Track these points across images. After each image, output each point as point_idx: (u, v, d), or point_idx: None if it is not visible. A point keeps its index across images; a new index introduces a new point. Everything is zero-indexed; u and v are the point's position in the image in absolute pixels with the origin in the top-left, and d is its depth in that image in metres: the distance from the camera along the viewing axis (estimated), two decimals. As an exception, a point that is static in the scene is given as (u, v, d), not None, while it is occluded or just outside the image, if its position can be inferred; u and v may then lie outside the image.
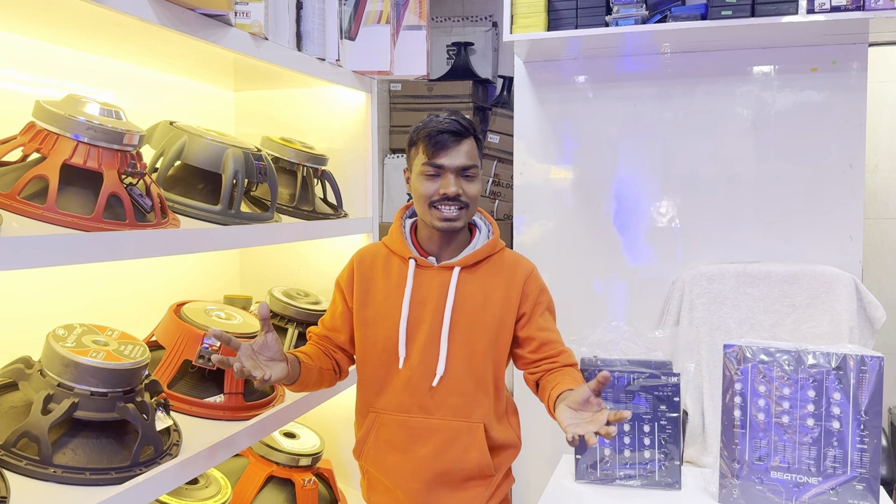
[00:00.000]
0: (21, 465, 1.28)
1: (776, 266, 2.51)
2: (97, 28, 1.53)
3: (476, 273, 1.63)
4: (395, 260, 1.65)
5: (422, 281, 1.61)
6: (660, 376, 1.68)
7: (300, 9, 1.95)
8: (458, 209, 1.58)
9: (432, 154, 1.57)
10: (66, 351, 1.36)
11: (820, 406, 1.53)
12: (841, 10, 2.19)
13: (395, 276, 1.63)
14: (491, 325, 1.60)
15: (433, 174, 1.57)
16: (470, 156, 1.59)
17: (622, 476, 1.70)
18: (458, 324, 1.59)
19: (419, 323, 1.60)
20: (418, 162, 1.60)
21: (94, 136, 1.38)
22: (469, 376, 1.59)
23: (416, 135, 1.62)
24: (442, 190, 1.56)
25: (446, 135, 1.56)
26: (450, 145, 1.56)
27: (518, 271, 1.65)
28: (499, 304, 1.61)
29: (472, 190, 1.59)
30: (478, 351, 1.60)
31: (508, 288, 1.62)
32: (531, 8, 2.48)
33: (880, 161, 3.57)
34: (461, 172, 1.58)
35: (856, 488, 1.52)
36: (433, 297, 1.60)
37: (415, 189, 1.61)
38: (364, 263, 1.68)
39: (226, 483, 1.92)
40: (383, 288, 1.64)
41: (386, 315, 1.62)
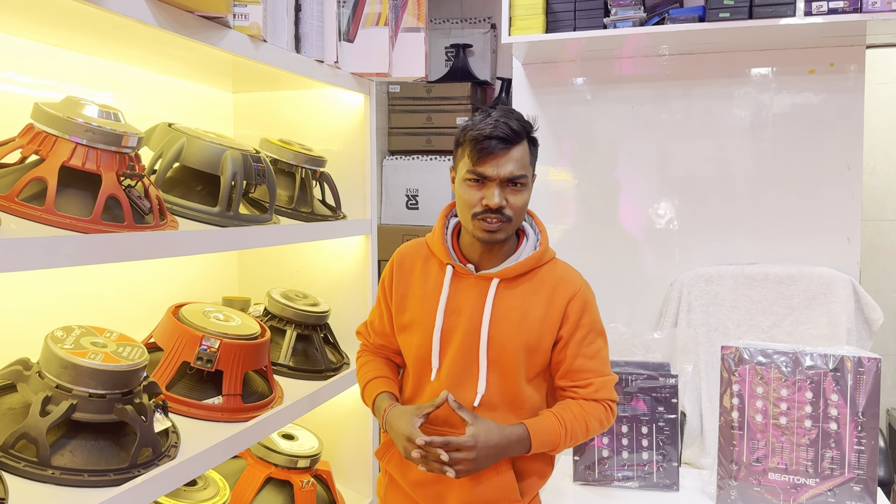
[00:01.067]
0: (19, 466, 1.28)
1: (774, 268, 2.51)
2: (96, 30, 1.53)
3: (517, 286, 1.52)
4: (434, 263, 1.57)
5: (458, 289, 1.52)
6: (658, 378, 1.68)
7: (299, 11, 1.95)
8: (499, 222, 1.46)
9: (477, 160, 1.45)
10: (64, 353, 1.36)
11: (817, 407, 1.54)
12: (838, 13, 2.20)
13: (433, 281, 1.55)
14: (526, 343, 1.49)
15: (477, 180, 1.46)
16: (519, 164, 1.46)
17: (620, 477, 1.70)
18: (492, 340, 1.49)
19: (451, 333, 1.51)
20: (463, 166, 1.49)
21: (92, 138, 1.39)
22: (499, 394, 1.50)
23: (462, 135, 1.50)
24: (485, 201, 1.45)
25: (494, 141, 1.43)
26: (497, 153, 1.44)
27: (562, 289, 1.53)
28: (537, 322, 1.50)
29: (518, 201, 1.47)
30: (510, 370, 1.49)
31: (549, 306, 1.51)
32: (529, 10, 2.49)
33: (878, 163, 3.58)
34: (507, 183, 1.46)
35: (853, 489, 1.52)
36: (468, 307, 1.51)
37: (458, 194, 1.51)
38: (403, 265, 1.60)
39: (224, 484, 1.92)
40: (420, 292, 1.56)
41: (420, 321, 1.54)
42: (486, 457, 1.41)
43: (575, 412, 1.48)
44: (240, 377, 1.75)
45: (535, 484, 1.56)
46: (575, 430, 1.47)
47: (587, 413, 1.49)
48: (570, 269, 1.58)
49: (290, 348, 2.06)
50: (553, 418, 1.47)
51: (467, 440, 1.40)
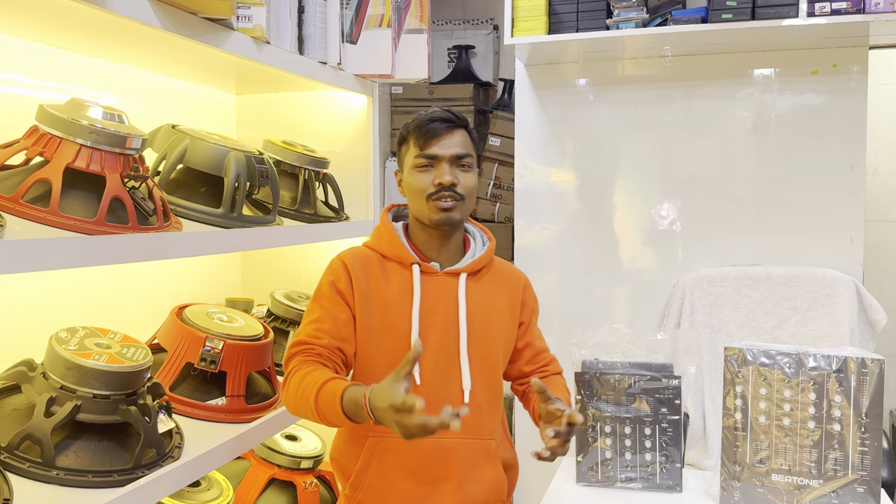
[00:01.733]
0: (24, 467, 1.29)
1: (777, 269, 2.51)
2: (100, 32, 1.54)
3: (480, 280, 1.56)
4: (392, 265, 1.52)
5: (427, 288, 1.50)
6: (661, 379, 1.68)
7: (302, 13, 1.95)
8: (454, 200, 1.47)
9: (424, 144, 1.49)
10: (68, 353, 1.36)
11: (821, 409, 1.54)
12: (841, 14, 2.19)
13: (396, 283, 1.50)
14: (500, 334, 1.54)
15: (426, 165, 1.49)
16: (464, 145, 1.50)
17: (623, 478, 1.70)
18: (471, 334, 1.50)
19: (429, 334, 1.48)
20: (410, 156, 1.52)
21: (96, 140, 1.39)
22: (483, 389, 1.51)
23: (405, 130, 1.54)
24: (437, 180, 1.47)
25: (437, 122, 1.49)
26: (441, 133, 1.49)
27: (514, 279, 1.61)
28: (505, 311, 1.56)
29: (467, 181, 1.50)
30: (490, 361, 1.53)
31: (511, 296, 1.58)
32: (532, 11, 2.49)
33: (881, 164, 3.57)
34: (456, 162, 1.49)
35: (857, 491, 1.52)
36: (442, 305, 1.50)
37: (408, 186, 1.52)
38: (358, 266, 1.51)
39: (227, 485, 1.92)
40: (384, 296, 1.50)
41: (390, 326, 1.48)
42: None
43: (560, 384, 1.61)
44: (243, 378, 1.75)
45: (513, 478, 1.62)
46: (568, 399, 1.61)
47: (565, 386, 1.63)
48: (510, 264, 1.67)
49: (293, 349, 2.06)
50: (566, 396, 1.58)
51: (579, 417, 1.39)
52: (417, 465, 1.47)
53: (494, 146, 3.75)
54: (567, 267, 2.79)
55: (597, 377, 1.69)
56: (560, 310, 2.80)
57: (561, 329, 2.78)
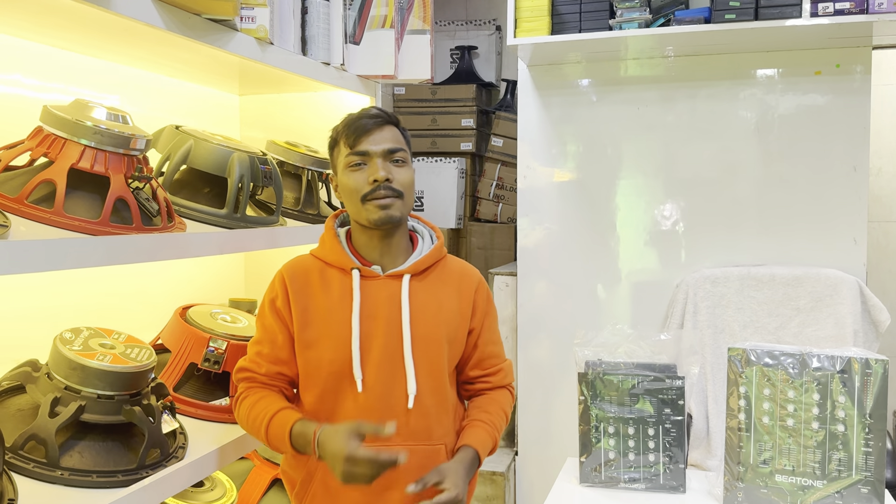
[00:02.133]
0: (28, 467, 1.29)
1: (780, 269, 2.51)
2: (104, 33, 1.54)
3: (425, 281, 1.51)
4: (333, 273, 1.49)
5: (368, 293, 1.46)
6: (664, 379, 1.68)
7: (305, 14, 1.96)
8: (391, 197, 1.44)
9: (354, 141, 1.46)
10: (73, 354, 1.37)
11: (824, 409, 1.53)
12: (844, 14, 2.19)
13: (337, 290, 1.47)
14: (447, 336, 1.49)
15: (359, 163, 1.46)
16: (395, 140, 1.48)
17: (627, 479, 1.70)
18: (416, 337, 1.45)
19: (371, 340, 1.44)
20: (342, 157, 1.49)
21: (101, 141, 1.39)
22: (430, 394, 1.47)
23: (335, 132, 1.52)
24: (371, 177, 1.44)
25: (366, 119, 1.47)
26: (371, 129, 1.46)
27: (467, 280, 1.56)
28: (453, 313, 1.51)
29: (402, 176, 1.46)
30: (437, 365, 1.48)
31: (460, 297, 1.53)
32: (535, 12, 2.49)
33: (884, 164, 3.57)
34: (389, 157, 1.46)
35: (861, 491, 1.52)
36: (384, 310, 1.45)
37: (343, 188, 1.48)
38: (296, 280, 1.50)
39: (231, 486, 1.92)
40: (324, 304, 1.47)
41: (330, 334, 1.45)
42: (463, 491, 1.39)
43: (494, 410, 1.54)
44: (247, 379, 1.75)
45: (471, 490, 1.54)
46: (499, 427, 1.54)
47: (502, 406, 1.56)
48: (464, 262, 1.61)
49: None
50: (484, 427, 1.51)
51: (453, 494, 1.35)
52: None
53: (497, 147, 3.75)
54: (570, 267, 2.79)
55: (600, 378, 1.69)
56: (563, 310, 2.80)
57: (564, 329, 2.78)
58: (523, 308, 2.84)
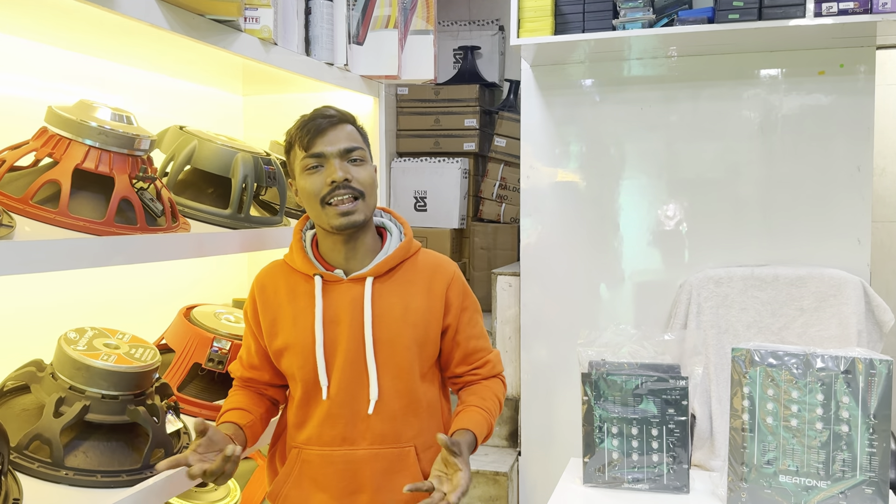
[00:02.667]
0: (33, 467, 1.29)
1: (784, 269, 2.50)
2: (108, 33, 1.54)
3: (391, 281, 1.46)
4: (298, 279, 1.47)
5: (331, 298, 1.44)
6: (668, 379, 1.68)
7: (309, 14, 1.96)
8: (352, 198, 1.39)
9: (309, 143, 1.41)
10: (77, 354, 1.37)
11: (828, 409, 1.53)
12: (848, 13, 2.19)
13: (302, 297, 1.46)
14: (415, 337, 1.45)
15: (315, 165, 1.41)
16: (352, 138, 1.43)
17: (630, 479, 1.70)
18: (380, 341, 1.43)
19: (335, 345, 1.43)
20: (298, 160, 1.44)
21: (105, 141, 1.40)
22: (396, 397, 1.45)
23: (289, 136, 1.47)
24: (329, 178, 1.39)
25: (320, 119, 1.42)
26: (326, 129, 1.41)
27: (438, 276, 1.50)
28: (421, 312, 1.46)
29: (362, 175, 1.41)
30: (403, 368, 1.45)
31: (430, 295, 1.48)
32: (538, 12, 2.49)
33: (888, 164, 3.56)
34: (346, 156, 1.41)
35: (865, 492, 1.52)
36: (346, 314, 1.43)
37: (302, 192, 1.43)
38: (266, 290, 1.49)
39: (235, 486, 1.93)
40: (290, 312, 1.46)
41: (297, 342, 1.44)
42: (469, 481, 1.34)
43: (488, 396, 1.51)
44: (250, 379, 1.75)
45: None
46: (494, 412, 1.50)
47: (495, 392, 1.53)
48: (438, 256, 1.56)
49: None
50: (478, 411, 1.47)
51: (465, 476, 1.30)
52: (330, 478, 1.45)
53: (500, 147, 3.75)
54: (573, 267, 2.79)
55: (603, 378, 1.69)
56: (566, 310, 2.80)
57: (567, 329, 2.78)
58: (526, 308, 2.84)
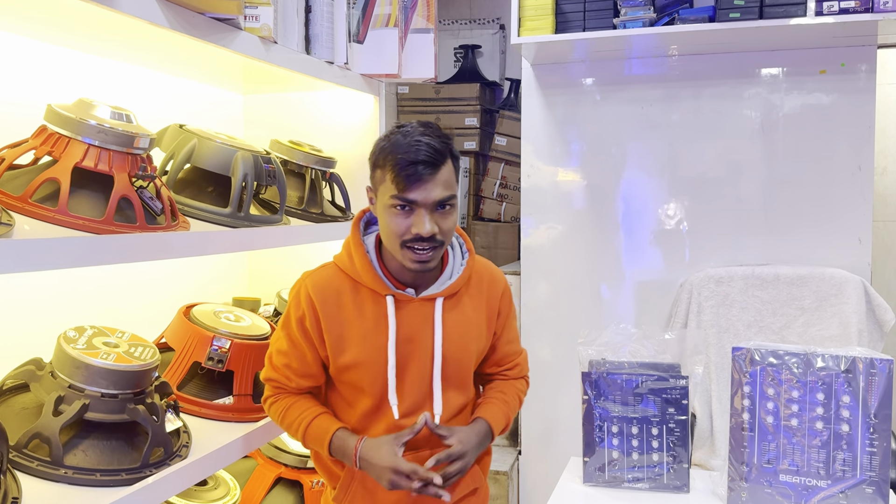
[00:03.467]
0: (32, 466, 1.29)
1: (784, 269, 2.50)
2: (108, 32, 1.54)
3: (458, 299, 1.50)
4: (365, 293, 1.45)
5: (403, 317, 1.44)
6: (668, 379, 1.68)
7: (309, 12, 1.96)
8: (431, 250, 1.38)
9: (403, 188, 1.34)
10: (76, 353, 1.37)
11: (829, 409, 1.53)
12: (849, 13, 2.19)
13: (371, 313, 1.44)
14: (477, 349, 1.53)
15: (403, 207, 1.36)
16: (447, 186, 1.37)
17: (630, 479, 1.69)
18: (448, 359, 1.47)
19: (406, 363, 1.45)
20: (386, 191, 1.38)
21: (105, 140, 1.39)
22: (456, 406, 1.52)
23: (382, 158, 1.39)
24: (415, 230, 1.35)
25: (420, 166, 1.33)
26: (424, 178, 1.34)
27: (493, 288, 1.55)
28: (482, 325, 1.53)
29: (448, 225, 1.39)
30: (465, 380, 1.53)
31: (487, 307, 1.54)
32: (539, 11, 2.49)
33: (889, 164, 3.56)
34: (437, 207, 1.37)
35: (865, 491, 1.52)
36: (418, 333, 1.45)
37: (382, 220, 1.40)
38: (328, 303, 1.45)
39: (234, 484, 1.92)
40: (359, 328, 1.44)
41: (368, 360, 1.44)
42: (471, 458, 1.47)
43: (510, 391, 1.60)
44: (250, 377, 1.75)
45: (486, 464, 1.64)
46: (514, 408, 1.59)
47: (518, 390, 1.62)
48: (489, 264, 1.60)
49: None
50: (498, 405, 1.56)
51: (456, 449, 1.42)
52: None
53: (501, 146, 3.75)
54: (574, 266, 2.79)
55: (604, 377, 1.69)
56: (567, 309, 2.80)
57: (568, 329, 2.78)
58: (527, 307, 2.84)
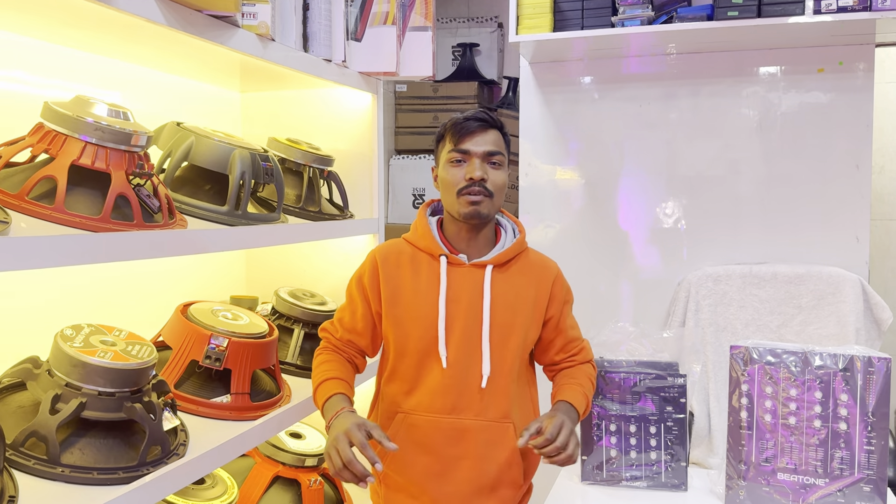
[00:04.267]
0: (29, 464, 1.29)
1: (782, 267, 2.50)
2: (105, 29, 1.54)
3: (507, 272, 1.64)
4: (422, 257, 1.65)
5: (454, 278, 1.61)
6: (666, 377, 1.68)
7: (307, 10, 1.95)
8: (482, 195, 1.58)
9: (458, 140, 1.59)
10: (73, 351, 1.36)
11: (827, 407, 1.53)
12: (848, 11, 2.19)
13: (425, 274, 1.63)
14: (522, 325, 1.62)
15: (459, 160, 1.59)
16: (496, 143, 1.60)
17: (628, 477, 1.69)
18: (494, 323, 1.60)
19: (454, 322, 1.59)
20: (445, 151, 1.62)
21: (102, 137, 1.39)
22: (502, 375, 1.60)
23: (443, 128, 1.65)
24: (468, 175, 1.57)
25: (472, 121, 1.59)
26: (475, 131, 1.59)
27: (546, 273, 1.68)
28: (530, 303, 1.63)
29: (497, 178, 1.60)
30: (510, 350, 1.60)
31: (538, 289, 1.65)
32: (537, 9, 2.48)
33: (887, 162, 3.56)
34: (487, 158, 1.59)
35: (863, 490, 1.52)
36: (466, 295, 1.60)
37: (442, 180, 1.63)
38: (389, 262, 1.66)
39: (232, 483, 1.92)
40: (412, 286, 1.63)
41: (418, 315, 1.61)
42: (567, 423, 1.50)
43: (581, 375, 1.67)
44: (248, 376, 1.75)
45: (533, 465, 1.68)
46: (589, 390, 1.66)
47: (588, 373, 1.69)
48: (544, 256, 1.74)
49: (297, 347, 2.06)
50: (573, 388, 1.63)
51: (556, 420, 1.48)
52: (437, 443, 1.59)
53: (499, 144, 3.74)
54: (571, 265, 2.78)
55: (602, 375, 1.69)
56: (564, 308, 2.80)
57: (565, 327, 2.78)
58: (525, 306, 2.84)
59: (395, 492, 1.66)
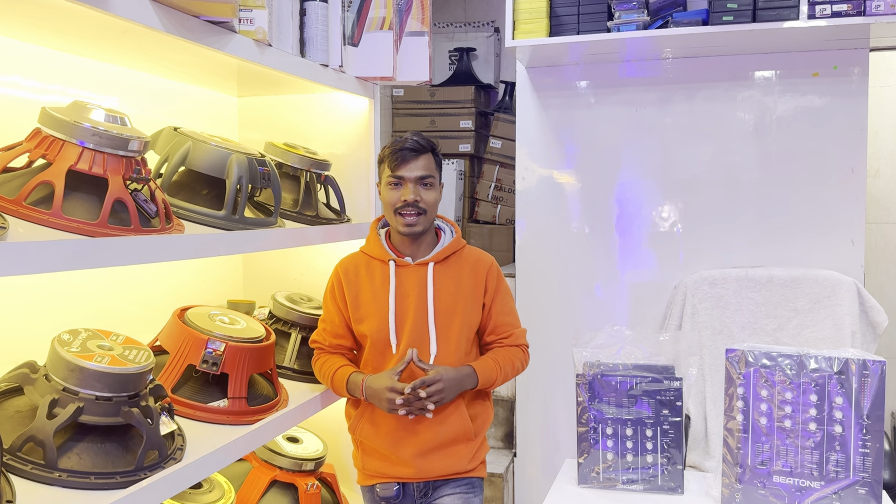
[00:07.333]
0: (26, 469, 1.29)
1: (778, 271, 2.51)
2: (102, 35, 1.54)
3: (446, 267, 1.90)
4: (375, 264, 1.92)
5: (402, 278, 1.88)
6: (662, 380, 1.68)
7: (303, 15, 1.96)
8: (416, 215, 1.84)
9: (395, 167, 1.84)
10: (71, 356, 1.37)
11: (822, 410, 1.54)
12: (842, 16, 2.20)
13: (379, 278, 1.90)
14: (464, 309, 1.88)
15: (396, 183, 1.85)
16: (427, 168, 1.86)
17: (625, 480, 1.70)
18: (438, 311, 1.86)
19: (405, 313, 1.86)
20: (385, 175, 1.88)
21: (99, 143, 1.39)
22: (448, 354, 1.86)
23: (383, 153, 1.89)
24: (403, 197, 1.84)
25: (406, 151, 1.84)
26: (409, 159, 1.84)
27: (480, 265, 1.94)
28: (468, 291, 1.90)
29: (428, 197, 1.86)
30: (454, 332, 1.87)
31: (474, 279, 1.91)
32: (533, 14, 2.49)
33: (882, 166, 3.58)
34: (419, 182, 1.85)
35: (858, 492, 1.52)
36: (414, 290, 1.87)
37: (383, 200, 1.90)
38: (349, 272, 1.94)
39: (229, 487, 1.92)
40: (370, 289, 1.90)
41: (374, 311, 1.88)
42: (451, 388, 1.80)
43: (504, 354, 1.91)
44: (245, 380, 1.75)
45: (483, 425, 1.94)
46: (506, 368, 1.90)
47: (512, 355, 1.93)
48: (479, 250, 1.99)
49: (294, 351, 2.07)
50: (490, 359, 1.89)
51: (434, 375, 1.77)
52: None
53: (495, 148, 3.75)
54: (568, 269, 2.80)
55: (598, 379, 1.69)
56: (561, 311, 2.80)
57: (562, 331, 2.78)
58: (521, 309, 2.83)
59: (370, 455, 1.92)
